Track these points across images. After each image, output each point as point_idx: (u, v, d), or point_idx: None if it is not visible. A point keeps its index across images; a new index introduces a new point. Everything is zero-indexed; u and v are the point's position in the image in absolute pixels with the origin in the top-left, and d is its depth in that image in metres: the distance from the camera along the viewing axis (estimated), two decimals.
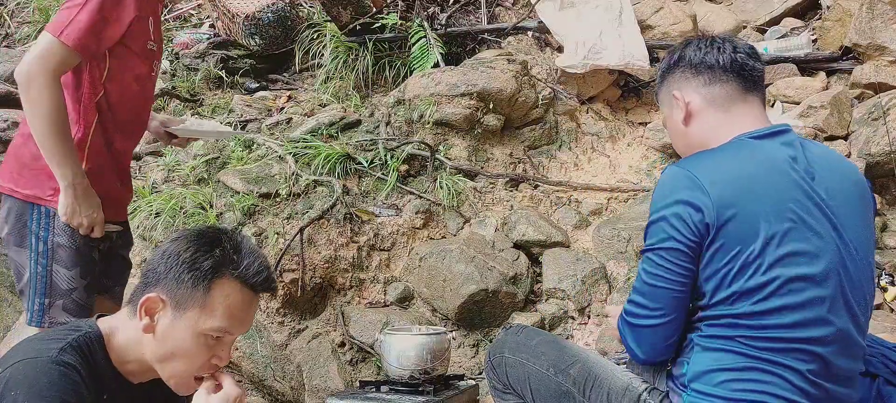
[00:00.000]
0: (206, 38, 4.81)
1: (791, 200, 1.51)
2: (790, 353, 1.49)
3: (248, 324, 1.51)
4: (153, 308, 1.42)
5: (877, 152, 3.43)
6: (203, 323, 1.41)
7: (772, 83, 4.13)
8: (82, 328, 1.44)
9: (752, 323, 1.50)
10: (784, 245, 1.49)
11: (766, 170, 1.54)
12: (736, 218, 1.48)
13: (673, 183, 1.55)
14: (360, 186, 3.66)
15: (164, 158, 3.82)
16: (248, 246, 1.47)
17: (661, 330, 1.60)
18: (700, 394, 1.55)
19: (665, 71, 1.76)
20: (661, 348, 1.63)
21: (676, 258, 1.54)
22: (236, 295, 1.43)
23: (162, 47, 2.33)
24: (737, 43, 1.70)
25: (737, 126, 1.63)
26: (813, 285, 1.50)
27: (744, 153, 1.57)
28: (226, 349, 1.47)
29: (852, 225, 1.57)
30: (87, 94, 2.09)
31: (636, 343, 1.66)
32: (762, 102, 1.68)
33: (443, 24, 4.47)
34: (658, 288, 1.57)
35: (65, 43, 1.95)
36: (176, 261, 1.41)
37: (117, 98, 2.13)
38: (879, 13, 3.97)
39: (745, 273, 1.48)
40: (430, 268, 3.27)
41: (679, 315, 1.59)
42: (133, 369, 1.48)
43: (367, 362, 3.20)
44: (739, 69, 1.66)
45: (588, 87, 4.28)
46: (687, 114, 1.69)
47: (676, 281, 1.55)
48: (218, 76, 4.58)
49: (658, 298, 1.58)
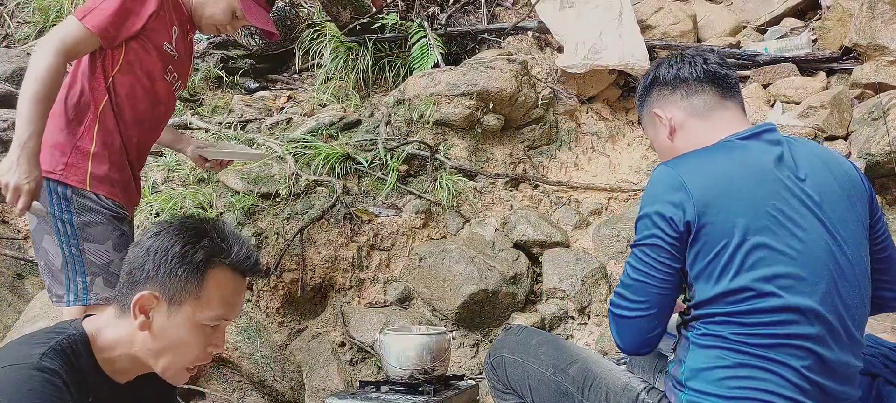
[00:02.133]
0: (206, 38, 4.81)
1: (774, 197, 1.54)
2: (783, 349, 1.49)
3: (240, 308, 1.54)
4: (148, 305, 1.42)
5: (877, 152, 3.42)
6: (200, 313, 1.42)
7: (772, 83, 4.13)
8: (67, 330, 1.43)
9: (743, 320, 1.51)
10: (766, 242, 1.51)
11: (750, 169, 1.57)
12: (717, 217, 1.52)
13: (659, 182, 1.60)
14: (360, 186, 3.66)
15: (164, 158, 3.82)
16: (231, 232, 1.49)
17: (643, 323, 1.64)
18: (697, 392, 1.55)
19: (643, 93, 1.82)
20: (642, 340, 1.66)
21: (659, 255, 1.58)
22: (229, 282, 1.45)
23: (186, 68, 2.41)
24: (706, 55, 1.76)
25: (720, 130, 1.67)
26: (800, 282, 1.51)
27: (729, 154, 1.61)
28: (221, 335, 1.49)
29: (842, 220, 1.58)
30: (100, 80, 2.17)
31: (619, 334, 1.70)
32: (741, 107, 1.74)
33: (443, 24, 4.47)
34: (641, 283, 1.62)
35: (86, 26, 2.05)
36: (165, 257, 1.41)
37: (127, 92, 2.20)
38: (879, 13, 3.97)
39: (729, 271, 1.51)
40: (430, 268, 3.27)
41: (661, 310, 1.62)
42: (120, 367, 1.47)
43: (367, 362, 3.20)
44: (712, 78, 1.71)
45: (588, 87, 4.28)
46: (671, 129, 1.74)
47: (659, 277, 1.59)
48: (218, 76, 4.58)
49: (641, 292, 1.62)
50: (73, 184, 2.12)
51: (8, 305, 3.24)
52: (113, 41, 2.12)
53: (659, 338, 1.67)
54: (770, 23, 4.65)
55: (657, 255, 1.58)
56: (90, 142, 2.16)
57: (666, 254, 1.57)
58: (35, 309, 2.99)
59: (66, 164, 2.12)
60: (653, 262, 1.59)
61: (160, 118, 2.38)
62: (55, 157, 2.12)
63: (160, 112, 2.35)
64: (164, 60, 2.26)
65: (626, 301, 1.65)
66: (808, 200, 1.56)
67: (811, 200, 1.56)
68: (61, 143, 2.13)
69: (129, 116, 2.23)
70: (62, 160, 2.12)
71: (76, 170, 2.14)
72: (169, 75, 2.31)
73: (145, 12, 2.15)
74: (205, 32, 2.48)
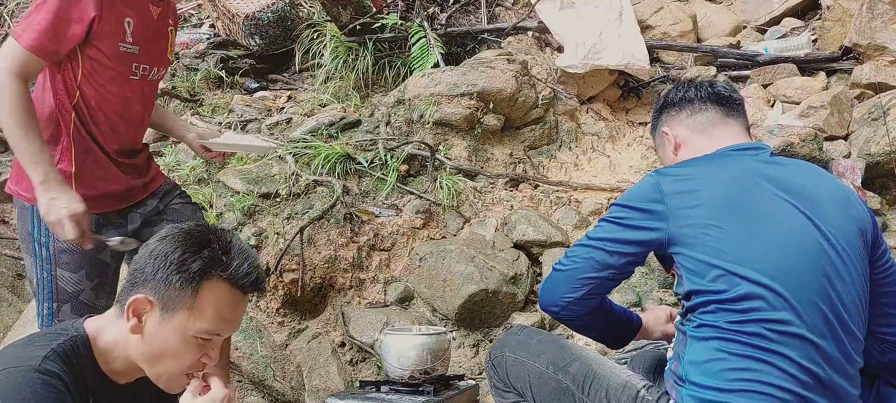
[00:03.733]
0: (206, 38, 4.82)
1: (753, 194, 1.59)
2: (780, 341, 1.50)
3: (236, 324, 1.50)
4: (140, 309, 1.39)
5: (877, 152, 3.42)
6: (192, 325, 1.39)
7: (772, 83, 4.13)
8: (68, 331, 1.42)
9: (735, 307, 1.53)
10: (748, 233, 1.55)
11: (735, 169, 1.64)
12: (699, 215, 1.57)
13: (644, 183, 1.69)
14: (360, 186, 3.66)
15: (164, 158, 3.82)
16: (237, 246, 1.45)
17: (566, 278, 1.71)
18: (697, 386, 1.55)
19: (654, 118, 1.94)
20: (556, 297, 1.73)
21: (619, 233, 1.66)
22: (225, 296, 1.41)
23: (160, 49, 2.23)
24: (715, 81, 1.87)
25: (719, 143, 1.75)
26: (788, 274, 1.53)
27: (717, 160, 1.70)
28: (215, 348, 1.45)
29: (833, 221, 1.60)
30: (62, 95, 2.05)
31: (543, 285, 1.77)
32: (744, 127, 1.82)
33: (443, 24, 4.48)
34: (588, 248, 1.69)
35: (21, 45, 1.93)
36: (164, 262, 1.38)
37: (96, 101, 2.08)
38: (879, 13, 3.97)
39: (714, 263, 1.54)
40: (430, 268, 3.27)
41: (592, 281, 1.68)
42: (118, 369, 1.46)
43: (367, 362, 3.20)
44: (717, 98, 1.81)
45: (588, 87, 4.29)
46: (675, 145, 1.84)
47: (607, 249, 1.66)
48: (218, 76, 4.58)
49: (582, 255, 1.69)
50: None
51: (8, 305, 3.24)
52: (57, 55, 1.99)
53: (574, 310, 1.72)
54: (770, 23, 4.66)
55: (617, 234, 1.66)
56: (69, 163, 2.07)
57: (625, 234, 1.64)
58: (35, 309, 2.99)
59: None
60: (610, 235, 1.66)
61: (139, 116, 2.24)
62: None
63: (136, 111, 2.21)
64: (124, 61, 2.09)
65: (567, 258, 1.73)
66: (794, 199, 1.60)
67: (798, 199, 1.60)
68: None
69: (104, 125, 2.11)
70: None
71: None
72: (137, 72, 2.14)
73: (85, 17, 1.97)
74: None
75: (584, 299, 1.71)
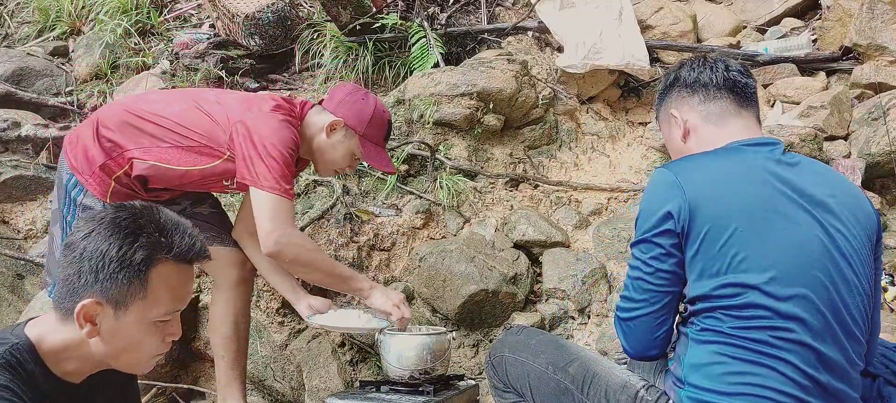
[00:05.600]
0: (206, 38, 4.81)
1: (766, 194, 1.57)
2: (780, 346, 1.50)
3: (190, 295, 1.48)
4: (91, 313, 1.36)
5: (877, 152, 3.42)
6: (149, 313, 1.38)
7: (772, 83, 4.13)
8: (9, 340, 1.38)
9: (739, 313, 1.52)
10: (758, 237, 1.53)
11: (745, 168, 1.61)
12: (709, 214, 1.54)
13: (657, 182, 1.64)
14: (360, 186, 3.66)
15: None
16: (170, 221, 1.41)
17: (645, 321, 1.65)
18: (697, 388, 1.55)
19: (662, 92, 1.87)
20: (648, 340, 1.67)
21: (656, 251, 1.61)
22: (174, 275, 1.39)
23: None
24: (729, 62, 1.80)
25: (731, 136, 1.71)
26: (793, 276, 1.52)
27: (729, 155, 1.66)
28: (176, 324, 1.45)
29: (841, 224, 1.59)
30: (111, 167, 2.34)
31: (625, 337, 1.71)
32: (756, 117, 1.77)
33: (443, 24, 4.47)
34: (641, 281, 1.64)
35: (286, 197, 2.27)
36: (102, 262, 1.34)
37: (152, 177, 2.39)
38: (879, 13, 3.97)
39: (721, 266, 1.53)
40: (430, 268, 3.27)
41: (665, 307, 1.64)
42: (72, 369, 1.43)
43: (367, 362, 3.20)
44: (732, 86, 1.75)
45: (588, 87, 4.28)
46: (685, 131, 1.78)
47: (658, 273, 1.61)
48: (218, 76, 4.58)
49: (641, 290, 1.64)
50: (93, 193, 2.32)
51: (8, 305, 3.24)
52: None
53: (666, 340, 1.67)
54: (770, 23, 4.65)
55: (655, 252, 1.60)
56: (119, 167, 2.36)
57: (663, 251, 1.59)
58: (35, 309, 2.99)
59: (92, 173, 2.32)
60: (651, 259, 1.61)
61: (191, 185, 2.48)
62: (86, 164, 2.33)
63: (189, 184, 2.46)
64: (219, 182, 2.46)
65: (628, 301, 1.67)
66: (803, 199, 1.58)
67: (806, 200, 1.58)
68: (94, 158, 2.33)
69: (149, 187, 2.41)
70: (89, 170, 2.33)
71: (101, 183, 2.33)
72: (225, 181, 2.47)
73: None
74: (322, 175, 2.72)
75: (666, 324, 1.67)
